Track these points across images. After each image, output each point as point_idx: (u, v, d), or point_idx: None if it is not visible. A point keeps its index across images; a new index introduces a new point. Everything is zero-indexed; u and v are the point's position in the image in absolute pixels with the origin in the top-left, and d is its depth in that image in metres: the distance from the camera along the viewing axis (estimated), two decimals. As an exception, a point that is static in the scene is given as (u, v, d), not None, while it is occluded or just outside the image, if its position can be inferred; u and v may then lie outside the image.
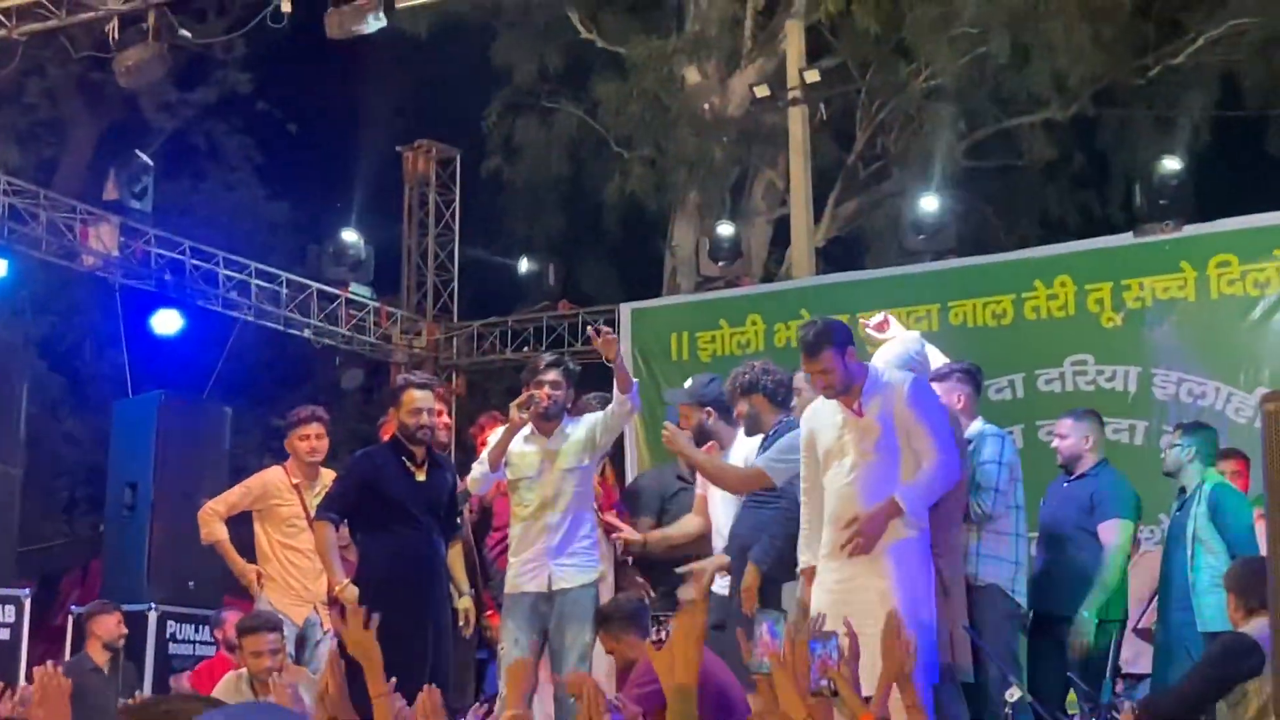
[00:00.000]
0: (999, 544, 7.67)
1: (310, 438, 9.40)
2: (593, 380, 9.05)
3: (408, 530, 7.98)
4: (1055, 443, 8.64)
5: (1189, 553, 8.09)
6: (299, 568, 9.25)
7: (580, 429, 8.14)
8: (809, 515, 7.13)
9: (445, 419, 8.53)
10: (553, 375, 8.11)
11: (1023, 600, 7.77)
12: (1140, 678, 9.12)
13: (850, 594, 6.61)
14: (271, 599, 9.11)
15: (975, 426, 7.94)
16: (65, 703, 4.15)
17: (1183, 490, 8.38)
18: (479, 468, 8.21)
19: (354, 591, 7.74)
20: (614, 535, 8.63)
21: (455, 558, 8.30)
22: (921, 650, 5.66)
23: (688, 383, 8.76)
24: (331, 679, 4.95)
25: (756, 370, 7.93)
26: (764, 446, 7.72)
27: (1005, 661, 7.33)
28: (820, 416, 7.10)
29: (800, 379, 7.76)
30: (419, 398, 8.18)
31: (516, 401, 8.08)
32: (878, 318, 7.87)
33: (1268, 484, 4.67)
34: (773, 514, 7.57)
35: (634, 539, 8.64)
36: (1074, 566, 8.23)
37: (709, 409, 8.30)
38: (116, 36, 11.49)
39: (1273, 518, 4.58)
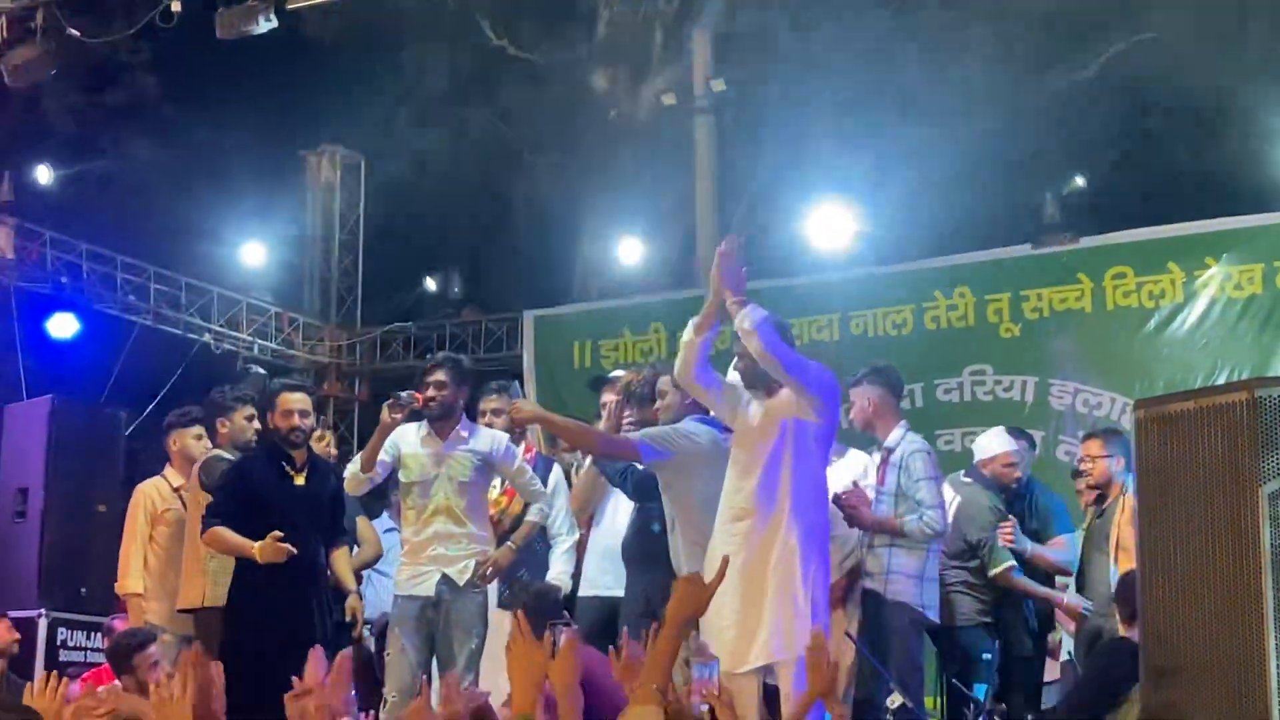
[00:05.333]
0: (910, 560, 7.65)
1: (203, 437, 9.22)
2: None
3: (286, 537, 7.87)
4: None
5: (1112, 559, 8.09)
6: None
7: (480, 441, 8.10)
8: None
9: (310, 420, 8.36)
10: (438, 375, 8.03)
11: (931, 612, 7.74)
12: (1048, 684, 9.17)
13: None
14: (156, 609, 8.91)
15: (896, 434, 7.88)
16: None
17: (1102, 498, 8.41)
18: (351, 467, 8.10)
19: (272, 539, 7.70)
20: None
21: (340, 559, 8.20)
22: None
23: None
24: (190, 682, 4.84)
25: (631, 383, 8.00)
26: None
27: (903, 666, 7.36)
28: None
29: (665, 381, 7.74)
30: (293, 400, 8.07)
31: (388, 403, 8.01)
32: None
33: (1138, 488, 4.70)
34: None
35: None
36: None
37: None
38: (5, 35, 11.33)
39: (1142, 521, 4.61)
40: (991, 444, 8.86)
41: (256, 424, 8.82)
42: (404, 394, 7.99)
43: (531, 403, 8.12)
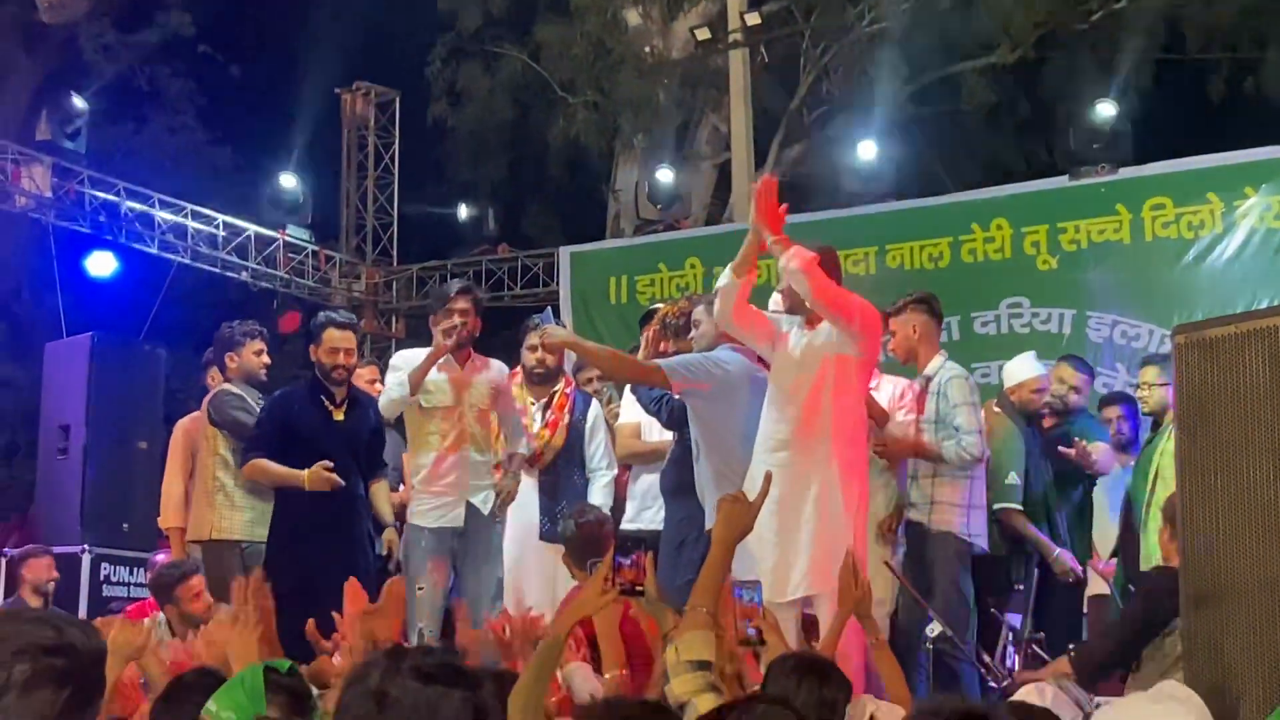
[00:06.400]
0: (954, 489, 7.65)
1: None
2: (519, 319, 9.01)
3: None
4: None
5: (1149, 488, 8.06)
6: None
7: (493, 371, 8.15)
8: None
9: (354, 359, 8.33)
10: (462, 303, 8.03)
11: (979, 540, 7.75)
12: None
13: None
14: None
15: (936, 363, 7.88)
16: None
17: (1156, 424, 8.39)
18: (399, 390, 8.06)
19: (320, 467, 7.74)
20: None
21: (379, 493, 8.24)
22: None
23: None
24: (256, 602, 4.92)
25: (667, 315, 8.03)
26: None
27: (950, 597, 7.38)
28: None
29: (700, 311, 7.75)
30: (338, 337, 8.09)
31: (444, 327, 7.99)
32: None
33: (1178, 414, 4.69)
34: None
35: None
36: None
37: None
38: (45, -25, 11.35)
39: (1181, 446, 4.60)
40: (1020, 370, 8.85)
41: (265, 358, 8.87)
42: (456, 323, 7.99)
43: (563, 329, 8.10)
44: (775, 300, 7.31)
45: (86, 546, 11.07)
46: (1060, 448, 8.52)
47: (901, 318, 7.94)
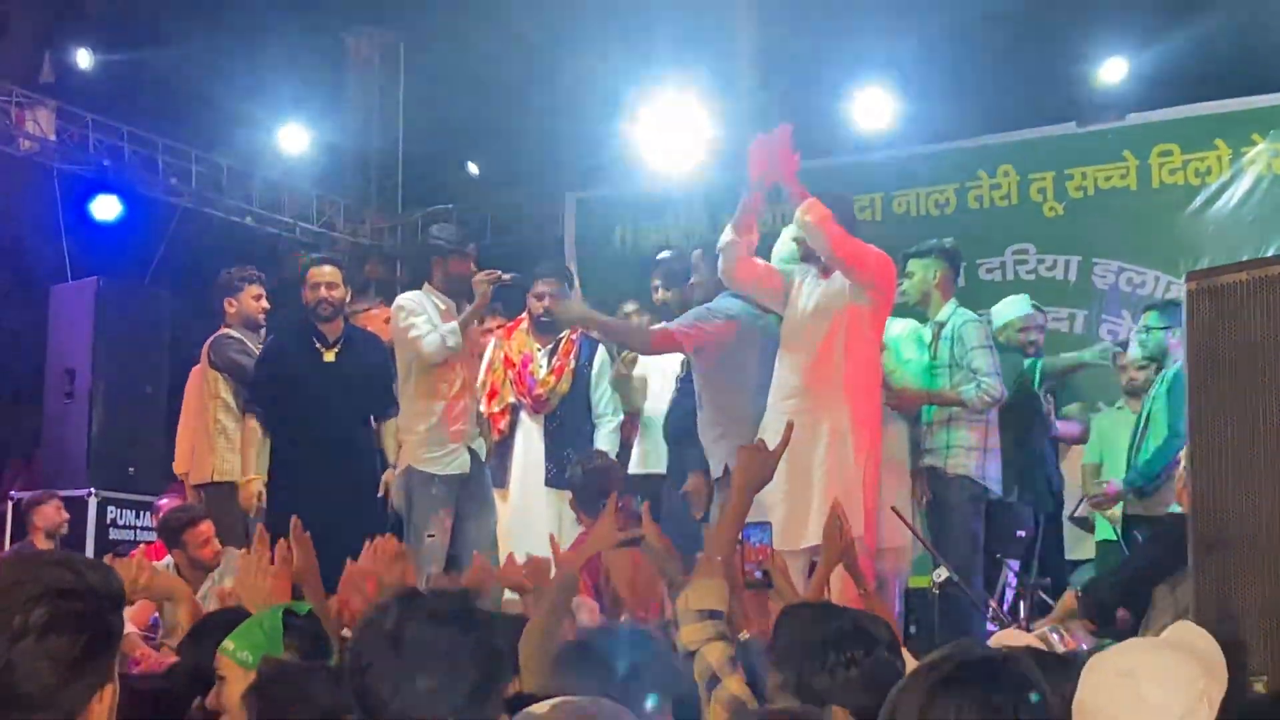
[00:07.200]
0: (971, 433, 7.68)
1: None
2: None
3: (317, 413, 7.91)
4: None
5: (1140, 432, 8.10)
6: None
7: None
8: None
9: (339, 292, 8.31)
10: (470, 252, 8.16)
11: (994, 485, 7.78)
12: (1080, 564, 9.23)
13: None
14: None
15: (947, 309, 7.91)
16: None
17: (1159, 369, 8.42)
18: (454, 338, 8.00)
19: (256, 486, 7.74)
20: None
21: (386, 432, 8.25)
22: None
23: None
24: (297, 547, 4.96)
25: (664, 261, 8.04)
26: None
27: (961, 542, 7.42)
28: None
29: (698, 256, 7.75)
30: (321, 273, 8.11)
31: (489, 278, 8.00)
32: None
33: (1188, 361, 4.69)
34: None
35: None
36: None
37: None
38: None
39: (1192, 394, 4.60)
40: (1008, 310, 8.90)
41: (264, 303, 8.88)
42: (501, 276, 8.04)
43: (578, 304, 8.09)
44: (784, 237, 7.31)
45: (93, 490, 11.09)
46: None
47: (924, 262, 7.96)
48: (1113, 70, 11.91)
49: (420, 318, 7.92)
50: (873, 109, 13.45)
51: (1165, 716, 2.90)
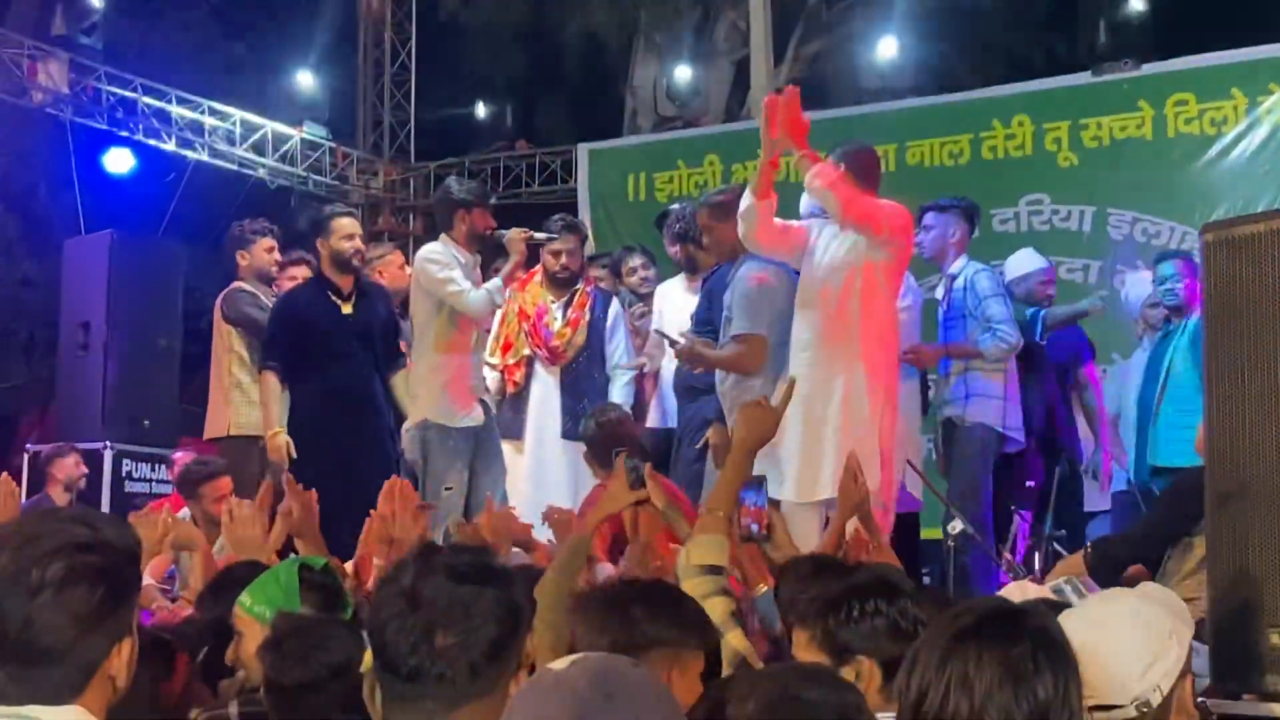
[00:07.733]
0: (989, 381, 7.68)
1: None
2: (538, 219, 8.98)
3: (337, 366, 7.90)
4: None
5: (1161, 384, 8.08)
6: None
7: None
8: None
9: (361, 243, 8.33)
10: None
11: (1015, 433, 7.79)
12: (1094, 515, 9.23)
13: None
14: None
15: (960, 262, 7.96)
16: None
17: (1168, 320, 8.41)
18: (500, 296, 8.01)
19: (282, 439, 7.73)
20: None
21: (399, 386, 8.24)
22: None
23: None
24: (295, 501, 4.99)
25: (687, 217, 8.02)
26: (703, 284, 7.79)
27: (969, 493, 7.42)
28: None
29: (705, 214, 7.74)
30: (348, 224, 8.09)
31: (523, 236, 8.02)
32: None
33: (1205, 311, 4.66)
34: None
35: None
36: None
37: None
38: None
39: (1209, 344, 4.58)
40: (1022, 263, 8.90)
41: (277, 255, 8.88)
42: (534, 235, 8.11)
43: (696, 351, 7.63)
44: (805, 200, 7.30)
45: (108, 443, 11.10)
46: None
47: (944, 218, 7.97)
48: (1130, 20, 11.84)
49: (455, 271, 7.86)
50: (885, 58, 13.40)
51: (1137, 659, 2.94)
